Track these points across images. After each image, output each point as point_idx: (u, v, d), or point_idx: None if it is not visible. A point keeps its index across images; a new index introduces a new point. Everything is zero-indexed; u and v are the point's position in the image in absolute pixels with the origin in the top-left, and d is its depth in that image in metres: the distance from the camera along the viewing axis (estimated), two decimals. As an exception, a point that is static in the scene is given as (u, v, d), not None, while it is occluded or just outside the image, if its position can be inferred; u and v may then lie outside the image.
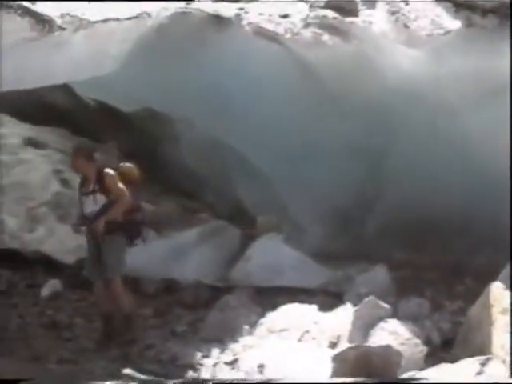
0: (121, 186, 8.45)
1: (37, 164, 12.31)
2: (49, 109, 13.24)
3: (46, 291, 9.73)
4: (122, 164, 8.83)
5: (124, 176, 8.60)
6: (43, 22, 8.03)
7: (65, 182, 11.94)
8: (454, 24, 9.58)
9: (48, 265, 10.36)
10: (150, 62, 9.89)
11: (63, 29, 8.20)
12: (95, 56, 8.92)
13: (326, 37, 9.85)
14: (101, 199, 8.49)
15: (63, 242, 10.61)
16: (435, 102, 9.79)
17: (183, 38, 9.87)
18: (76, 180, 12.13)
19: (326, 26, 9.85)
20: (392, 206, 10.40)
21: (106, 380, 7.32)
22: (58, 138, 13.54)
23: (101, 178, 8.50)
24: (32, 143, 13.27)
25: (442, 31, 9.51)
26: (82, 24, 8.51)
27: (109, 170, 8.52)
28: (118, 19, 8.88)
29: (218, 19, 9.99)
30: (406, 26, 9.62)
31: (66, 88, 12.27)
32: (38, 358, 8.01)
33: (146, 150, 12.38)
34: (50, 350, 8.18)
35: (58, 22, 8.27)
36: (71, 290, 9.79)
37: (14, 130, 13.66)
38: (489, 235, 9.71)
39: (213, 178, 11.66)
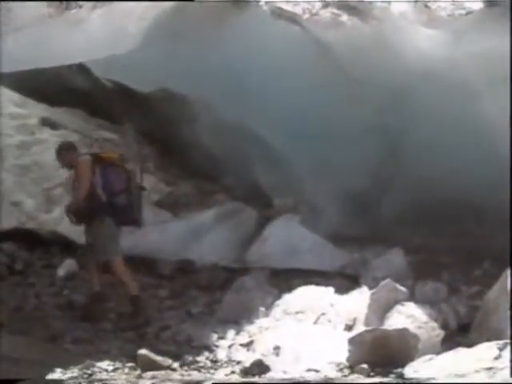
0: (84, 173, 8.45)
1: (53, 144, 12.31)
2: (65, 89, 13.22)
3: (61, 271, 9.75)
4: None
5: (104, 160, 8.63)
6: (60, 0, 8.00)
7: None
8: (476, 3, 9.46)
9: (64, 245, 10.36)
10: (167, 42, 9.85)
11: (80, 6, 8.16)
12: (113, 34, 8.88)
13: (344, 17, 9.78)
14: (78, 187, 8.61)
15: (79, 223, 10.62)
16: (454, 83, 9.70)
17: (201, 18, 9.83)
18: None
19: (344, 6, 9.77)
20: (409, 188, 10.34)
21: (122, 360, 7.37)
22: (74, 118, 13.55)
23: (75, 167, 8.63)
24: (48, 123, 13.28)
25: (463, 11, 9.38)
26: (99, 2, 8.47)
27: (81, 158, 8.59)
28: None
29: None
30: (426, 6, 9.51)
31: (82, 68, 12.24)
32: (54, 337, 8.03)
33: (163, 132, 12.36)
34: (65, 330, 8.18)
35: (77, -2, 8.26)
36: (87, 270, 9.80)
37: (31, 111, 13.68)
38: (506, 219, 9.63)
39: (230, 159, 11.61)
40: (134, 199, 8.67)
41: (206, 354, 7.74)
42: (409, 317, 7.65)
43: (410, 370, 6.74)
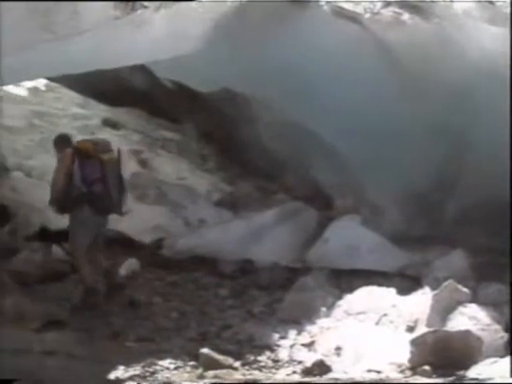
0: (61, 166, 8.72)
1: (114, 144, 12.44)
2: (126, 90, 13.38)
3: (123, 270, 9.81)
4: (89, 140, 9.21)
5: (81, 151, 8.80)
6: (127, 1, 8.06)
7: (142, 163, 12.07)
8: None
9: (126, 244, 10.46)
10: (228, 43, 9.87)
11: (145, 7, 8.23)
12: (176, 36, 8.93)
13: (406, 16, 9.70)
14: None
15: (141, 222, 10.72)
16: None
17: (262, 19, 9.84)
18: (154, 160, 12.34)
19: (406, 5, 9.69)
20: (472, 188, 10.20)
21: (184, 359, 7.41)
22: (135, 118, 13.71)
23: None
24: (110, 124, 13.45)
25: (529, 7, 9.20)
26: (163, 3, 8.52)
27: (63, 152, 8.84)
28: (199, -2, 8.88)
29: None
30: (490, 3, 9.35)
31: (143, 69, 12.36)
32: (117, 335, 8.10)
33: (223, 131, 12.42)
34: (128, 328, 8.25)
35: (141, -1, 8.33)
36: (149, 269, 9.88)
37: (93, 111, 13.88)
38: None
39: (290, 159, 11.62)
40: (110, 187, 8.80)
41: (268, 353, 7.76)
42: (471, 318, 7.58)
43: (473, 373, 6.67)
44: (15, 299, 8.40)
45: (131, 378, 6.99)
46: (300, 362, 7.51)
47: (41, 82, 14.26)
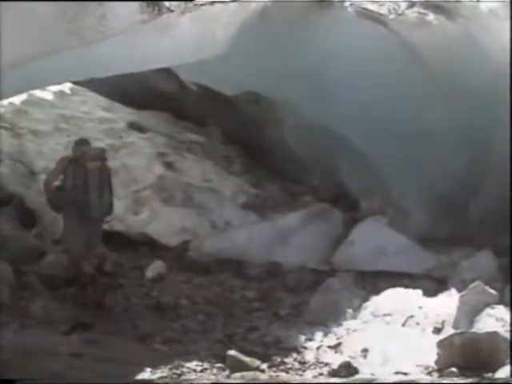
0: (55, 169, 9.09)
1: (140, 147, 12.52)
2: (152, 93, 13.41)
3: (150, 273, 9.86)
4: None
5: (75, 158, 8.98)
6: (153, 5, 8.11)
7: (168, 165, 12.10)
8: None
9: (152, 247, 10.51)
10: (253, 45, 9.90)
11: (171, 11, 8.27)
12: (201, 39, 8.96)
13: (431, 16, 9.68)
14: None
15: (167, 225, 10.76)
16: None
17: (287, 21, 9.86)
18: (180, 163, 12.36)
19: (431, 5, 9.67)
20: (497, 190, 10.15)
21: (211, 361, 7.43)
22: (161, 121, 13.73)
23: None
24: (135, 127, 13.49)
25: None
26: (187, 6, 8.57)
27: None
28: (223, 1, 8.89)
29: (320, 1, 9.94)
30: (516, 0, 9.32)
31: (169, 72, 12.40)
32: (144, 338, 8.13)
33: (248, 134, 12.42)
34: (155, 331, 8.28)
35: (166, 4, 8.35)
36: (175, 271, 9.92)
37: (119, 115, 13.93)
38: None
39: (316, 161, 11.62)
40: (90, 195, 8.94)
41: (294, 355, 7.77)
42: (499, 320, 7.53)
43: (501, 375, 6.64)
44: (44, 302, 8.47)
45: (158, 380, 7.01)
46: (326, 364, 7.51)
47: (66, 86, 14.33)
